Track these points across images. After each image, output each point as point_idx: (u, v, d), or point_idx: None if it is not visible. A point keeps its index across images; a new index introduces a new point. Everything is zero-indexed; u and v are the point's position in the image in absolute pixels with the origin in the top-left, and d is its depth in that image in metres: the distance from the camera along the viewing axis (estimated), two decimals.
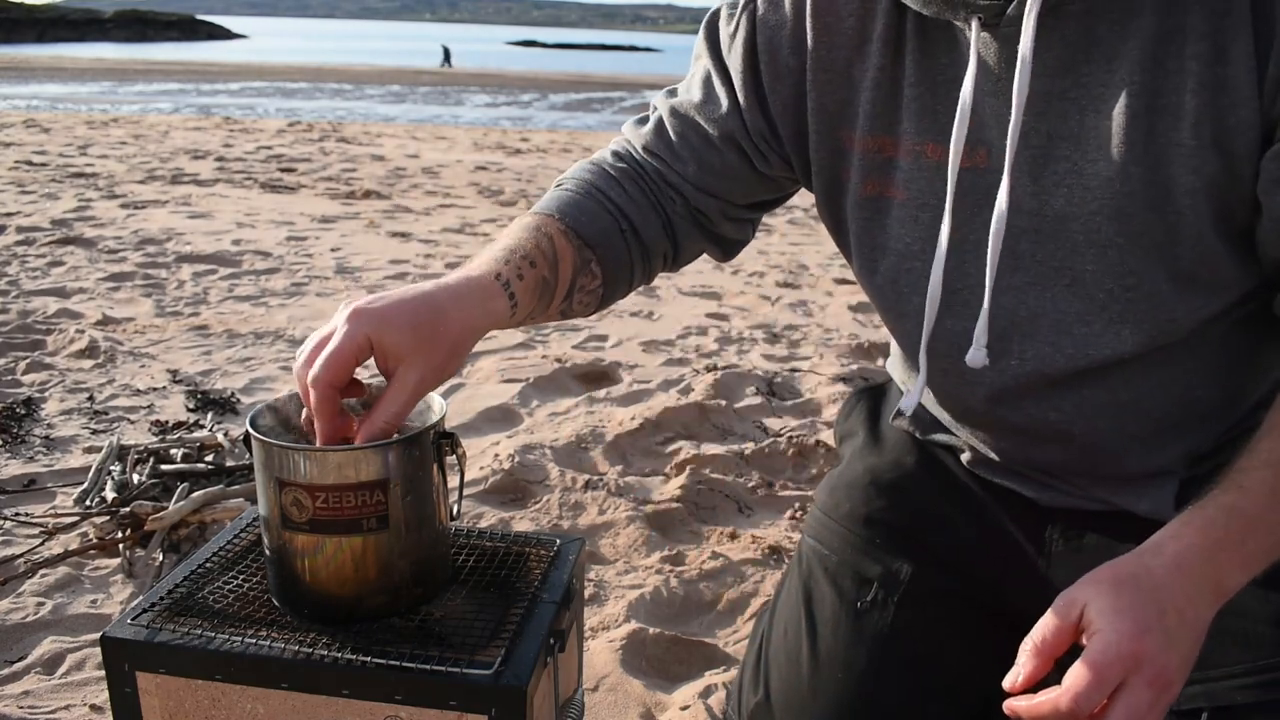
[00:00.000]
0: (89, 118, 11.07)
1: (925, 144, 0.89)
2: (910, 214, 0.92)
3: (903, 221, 0.93)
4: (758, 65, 0.96)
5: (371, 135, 10.27)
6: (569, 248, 0.97)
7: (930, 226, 0.90)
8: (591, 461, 2.29)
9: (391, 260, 4.39)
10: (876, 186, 0.94)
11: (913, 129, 0.90)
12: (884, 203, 0.94)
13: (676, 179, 1.04)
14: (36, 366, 2.78)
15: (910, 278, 0.94)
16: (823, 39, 0.92)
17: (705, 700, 1.42)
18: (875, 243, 0.96)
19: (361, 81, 23.33)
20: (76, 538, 1.85)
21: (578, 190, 1.03)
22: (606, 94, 22.80)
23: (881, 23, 0.89)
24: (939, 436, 1.12)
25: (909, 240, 0.93)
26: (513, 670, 0.81)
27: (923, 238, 0.92)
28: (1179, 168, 0.78)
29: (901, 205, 0.93)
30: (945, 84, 0.87)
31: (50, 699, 1.40)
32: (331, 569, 0.85)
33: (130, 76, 22.24)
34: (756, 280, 4.36)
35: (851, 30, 0.91)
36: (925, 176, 0.90)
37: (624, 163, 1.07)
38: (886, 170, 0.93)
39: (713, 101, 1.01)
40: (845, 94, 0.93)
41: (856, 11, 0.91)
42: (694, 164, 1.03)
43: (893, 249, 0.94)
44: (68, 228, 4.69)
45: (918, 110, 0.89)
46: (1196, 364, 0.89)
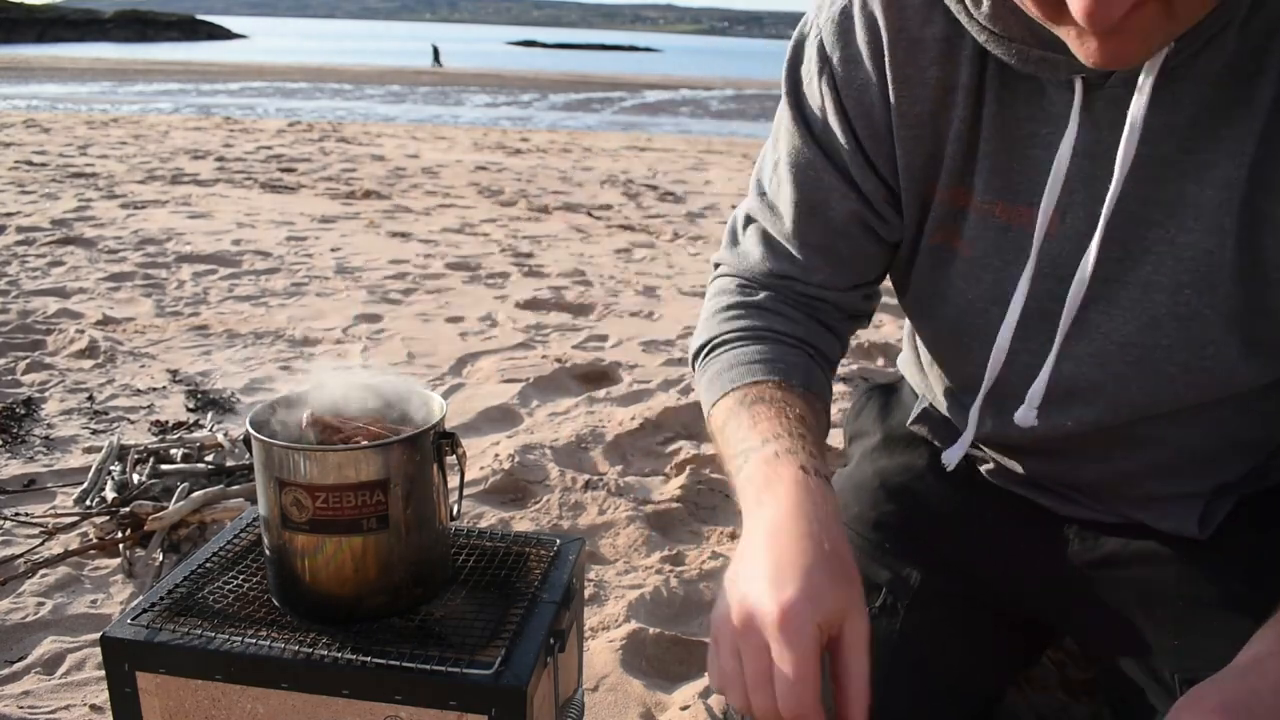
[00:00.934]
0: (89, 118, 11.07)
1: (995, 202, 0.85)
2: (973, 270, 0.88)
3: (965, 276, 0.90)
4: (855, 131, 0.89)
5: (371, 135, 10.27)
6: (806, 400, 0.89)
7: (994, 286, 0.87)
8: (591, 461, 2.29)
9: (391, 260, 4.39)
10: (943, 237, 0.90)
11: (983, 185, 0.86)
12: (949, 254, 0.90)
13: (816, 289, 0.97)
14: (36, 366, 2.78)
15: (969, 333, 0.91)
16: (904, 94, 0.86)
17: (705, 700, 1.42)
18: (935, 290, 0.93)
19: (361, 81, 23.32)
20: (76, 538, 1.85)
21: (784, 342, 0.94)
22: (606, 94, 22.79)
23: (966, 71, 0.83)
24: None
25: (971, 296, 0.90)
26: (513, 670, 0.81)
27: (985, 296, 0.88)
28: (1272, 240, 0.76)
29: (965, 260, 0.89)
30: (1023, 141, 0.83)
31: (50, 699, 1.40)
32: (331, 569, 0.85)
33: (130, 76, 22.23)
34: None
35: (934, 81, 0.85)
36: (992, 235, 0.86)
37: (762, 292, 0.98)
38: (955, 222, 0.89)
39: (822, 188, 0.92)
40: (931, 147, 0.87)
41: (938, 60, 0.84)
42: (827, 266, 0.95)
43: (953, 301, 0.91)
44: (68, 228, 4.69)
45: (991, 166, 0.85)
46: (1243, 410, 0.88)
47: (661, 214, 6.05)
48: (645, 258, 4.75)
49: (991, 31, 0.78)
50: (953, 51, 0.83)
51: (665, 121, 16.45)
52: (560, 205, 6.19)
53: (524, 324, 3.47)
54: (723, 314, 0.99)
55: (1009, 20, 0.76)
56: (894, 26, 0.84)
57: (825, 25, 0.88)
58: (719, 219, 5.97)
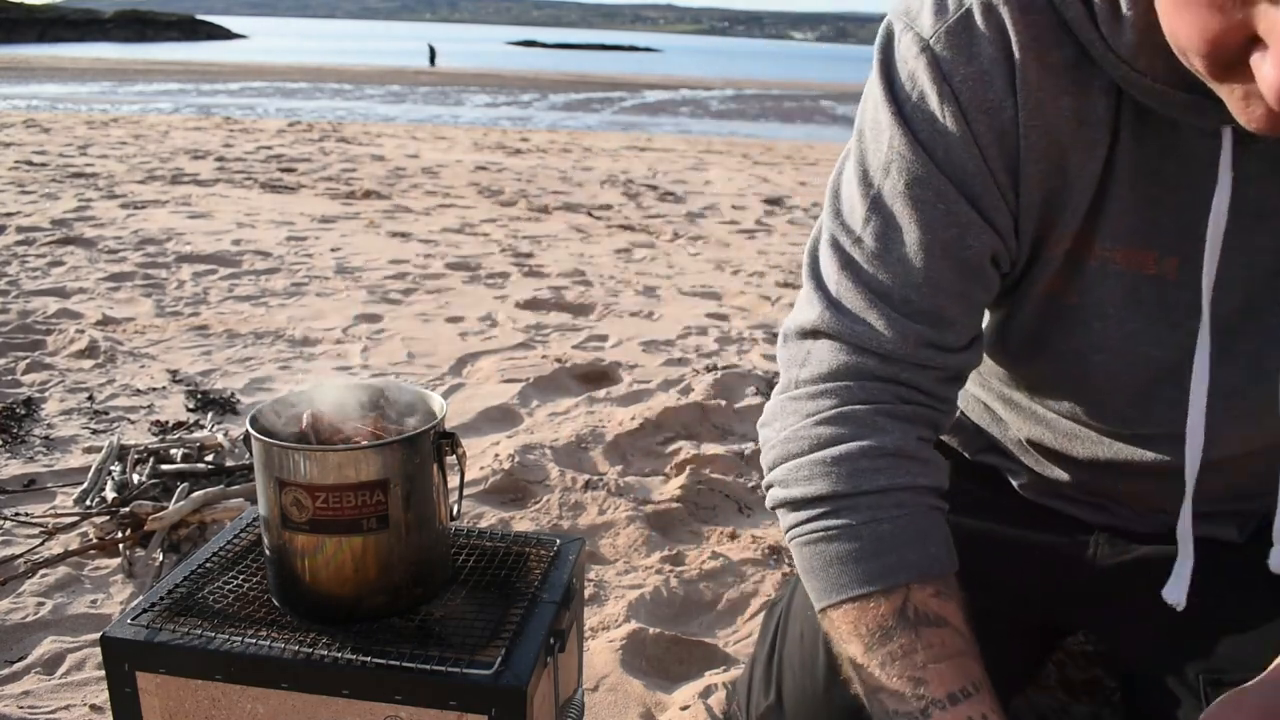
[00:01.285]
0: (89, 118, 11.07)
1: (1117, 250, 0.78)
2: (1081, 320, 0.82)
3: (1071, 327, 0.83)
4: (986, 157, 0.76)
5: (371, 135, 10.27)
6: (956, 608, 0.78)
7: (1101, 334, 0.81)
8: (591, 461, 2.29)
9: (391, 260, 4.39)
10: (1051, 283, 0.82)
11: (1109, 231, 0.78)
12: (1056, 303, 0.83)
13: (956, 356, 0.82)
14: (36, 366, 2.78)
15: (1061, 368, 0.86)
16: (1035, 122, 0.74)
17: (705, 700, 1.42)
18: (1036, 336, 0.86)
19: (361, 81, 23.32)
20: (76, 538, 1.85)
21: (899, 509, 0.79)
22: (606, 94, 22.79)
23: (1101, 104, 0.74)
24: (989, 458, 1.08)
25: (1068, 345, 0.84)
26: (513, 670, 0.81)
27: (1089, 347, 0.83)
28: None
29: (1073, 310, 0.82)
30: (1158, 187, 0.76)
31: (50, 699, 1.40)
32: (331, 569, 0.85)
33: (130, 76, 22.23)
34: (756, 280, 4.36)
35: (1068, 111, 0.74)
36: (1107, 285, 0.79)
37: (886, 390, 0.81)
38: (1069, 270, 0.81)
39: (956, 223, 0.77)
40: (1056, 183, 0.77)
41: (1071, 88, 0.74)
42: (963, 317, 0.81)
43: (1055, 348, 0.85)
44: (68, 228, 4.69)
45: (1119, 211, 0.77)
46: None
47: (661, 214, 6.05)
48: (645, 258, 4.75)
49: (1132, 68, 0.70)
50: (1086, 80, 0.73)
51: (665, 121, 16.45)
52: (560, 205, 6.19)
53: (524, 324, 3.47)
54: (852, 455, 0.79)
55: (1153, 57, 0.69)
56: (1028, 42, 0.73)
57: (938, 35, 0.75)
58: (719, 219, 5.97)
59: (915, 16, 0.77)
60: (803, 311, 0.85)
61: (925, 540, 0.78)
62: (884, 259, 0.79)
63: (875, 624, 0.76)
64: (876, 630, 0.76)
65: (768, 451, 0.86)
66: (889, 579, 0.77)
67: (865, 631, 0.77)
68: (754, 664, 1.11)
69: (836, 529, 0.79)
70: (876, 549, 0.77)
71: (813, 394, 0.83)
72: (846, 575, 0.78)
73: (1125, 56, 0.70)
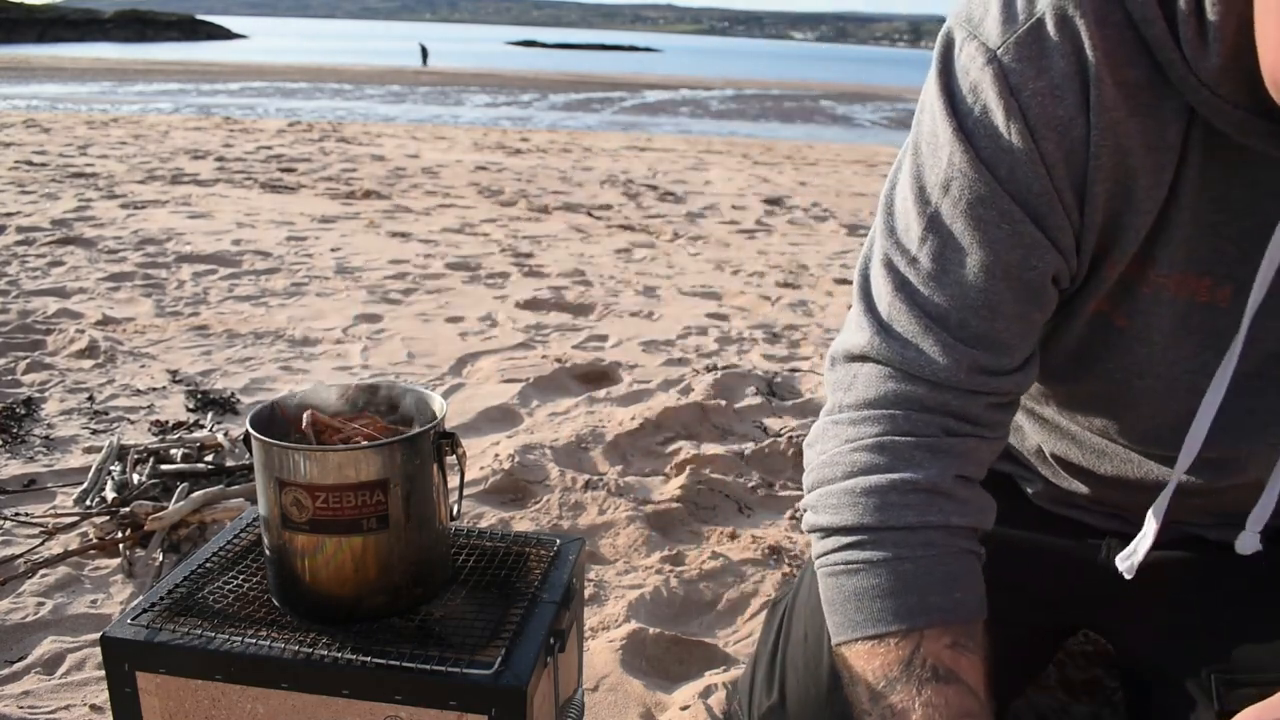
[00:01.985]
0: (89, 118, 11.06)
1: (1174, 276, 0.76)
2: (1127, 344, 0.80)
3: (1117, 348, 0.82)
4: (1053, 176, 0.72)
5: (371, 135, 10.27)
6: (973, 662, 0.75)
7: (1145, 362, 0.80)
8: (591, 461, 2.29)
9: (391, 260, 4.39)
10: (1106, 305, 0.80)
11: (1167, 259, 0.75)
12: (1105, 323, 0.81)
13: (1011, 381, 0.79)
14: (36, 366, 2.78)
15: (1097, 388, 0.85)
16: (1106, 141, 0.71)
17: (705, 700, 1.42)
18: (1081, 356, 0.85)
19: (361, 81, 23.32)
20: (76, 538, 1.85)
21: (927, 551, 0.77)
22: (606, 94, 22.79)
23: (1172, 129, 0.71)
24: (1003, 466, 1.07)
25: (1110, 365, 0.82)
26: (513, 670, 0.81)
27: (1132, 371, 0.81)
28: None
29: (1120, 332, 0.80)
30: (1219, 214, 0.73)
31: (50, 699, 1.40)
32: (331, 569, 0.85)
33: (130, 76, 22.23)
34: (756, 280, 4.36)
35: (1139, 132, 0.71)
36: (1156, 310, 0.77)
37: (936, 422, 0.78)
38: (1122, 293, 0.78)
39: (1020, 244, 0.74)
40: (1120, 206, 0.74)
41: (1142, 109, 0.70)
42: (1020, 340, 0.78)
43: (1099, 371, 0.84)
44: (68, 228, 4.69)
45: (1182, 238, 0.74)
46: None
47: (661, 214, 6.05)
48: (645, 258, 4.75)
49: (1213, 92, 0.67)
50: (1158, 101, 0.70)
51: (665, 121, 16.45)
52: (560, 205, 6.19)
53: (524, 324, 3.47)
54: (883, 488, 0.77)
55: (1238, 82, 0.66)
56: (1104, 56, 0.69)
57: (1007, 46, 0.71)
58: (719, 219, 5.97)
59: (979, 24, 0.72)
60: (852, 335, 0.82)
61: (950, 584, 0.75)
62: (941, 281, 0.76)
63: (881, 672, 0.74)
64: (881, 679, 0.74)
65: (808, 474, 0.85)
66: (904, 622, 0.74)
67: (871, 678, 0.75)
68: (756, 663, 1.10)
69: (859, 563, 0.77)
70: (895, 588, 0.75)
71: (855, 419, 0.80)
72: (862, 613, 0.76)
73: (1207, 80, 0.67)
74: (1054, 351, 0.86)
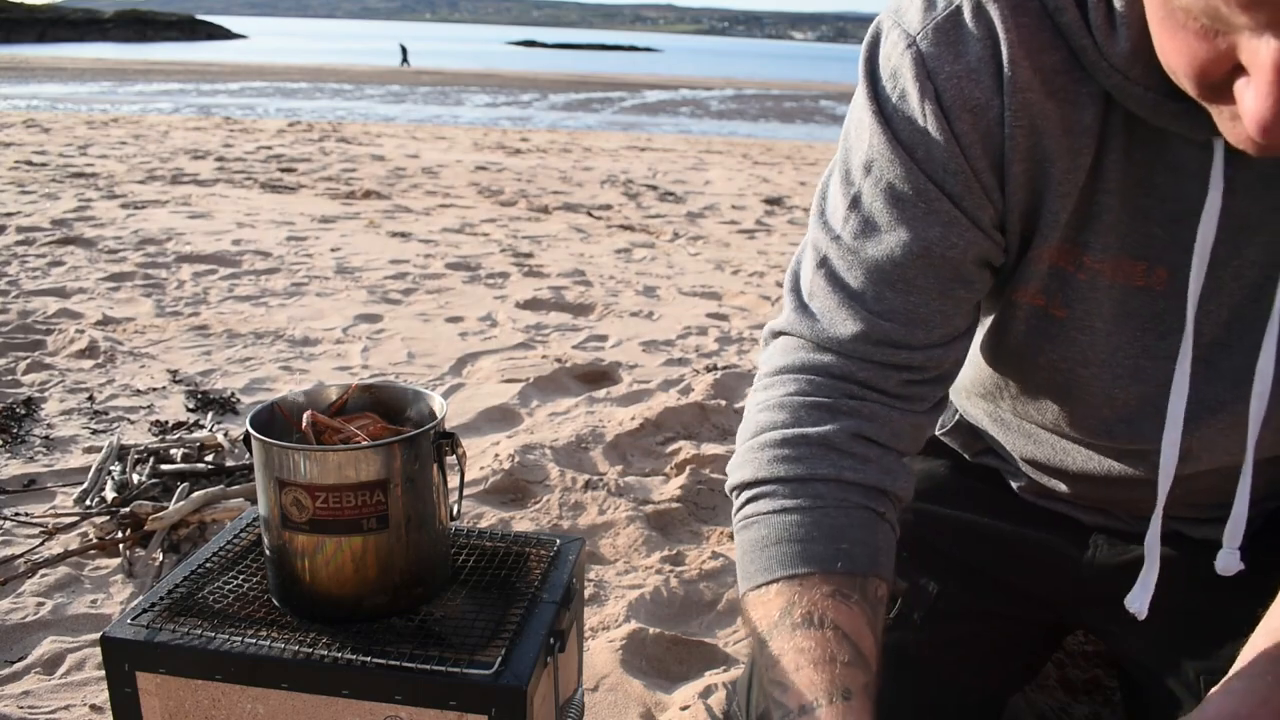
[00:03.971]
0: (89, 118, 11.07)
1: (1107, 261, 0.77)
2: (1068, 334, 0.81)
3: (1058, 339, 0.83)
4: (969, 156, 0.75)
5: (371, 135, 10.27)
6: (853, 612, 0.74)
7: (1088, 350, 0.81)
8: (591, 461, 2.29)
9: (391, 260, 4.39)
10: (1040, 298, 0.82)
11: (1099, 245, 0.77)
12: (1043, 315, 0.83)
13: (921, 355, 0.80)
14: (36, 366, 2.78)
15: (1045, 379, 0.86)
16: (1021, 124, 0.73)
17: (705, 700, 1.42)
18: (1021, 348, 0.86)
19: (361, 81, 23.32)
20: (76, 538, 1.85)
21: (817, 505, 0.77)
22: (606, 94, 22.80)
23: (1090, 112, 0.73)
24: (988, 460, 1.08)
25: (1054, 357, 0.83)
26: (513, 670, 0.81)
27: (1077, 360, 0.82)
28: None
29: (1059, 323, 0.82)
30: (1146, 198, 0.75)
31: (50, 699, 1.40)
32: (331, 569, 0.85)
33: (130, 76, 22.24)
34: (756, 280, 4.36)
35: (1055, 116, 0.73)
36: (1095, 297, 0.79)
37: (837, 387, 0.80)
38: (1055, 282, 0.80)
39: (937, 223, 0.76)
40: (1039, 188, 0.76)
41: (1060, 93, 0.72)
42: (938, 316, 0.79)
43: (1041, 364, 0.85)
44: (68, 228, 4.69)
45: (1109, 223, 0.76)
46: None
47: (661, 214, 6.05)
48: (645, 258, 4.75)
49: (1125, 76, 0.69)
50: (1074, 87, 0.72)
51: (665, 121, 16.45)
52: (560, 205, 6.19)
53: (524, 324, 3.47)
54: (776, 442, 0.79)
55: (1147, 67, 0.68)
56: (1020, 42, 0.71)
57: (925, 32, 0.73)
58: (719, 219, 5.97)
59: (903, 14, 0.76)
60: (778, 314, 0.86)
61: (835, 535, 0.75)
62: (859, 256, 0.79)
63: (764, 620, 0.75)
64: (764, 627, 0.74)
65: None
66: (784, 569, 0.75)
67: (757, 627, 0.75)
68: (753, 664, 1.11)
69: (753, 517, 0.79)
70: (780, 537, 0.76)
71: (766, 385, 0.83)
72: (753, 565, 0.77)
73: (1118, 65, 0.69)
74: (1000, 348, 0.88)
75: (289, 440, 0.88)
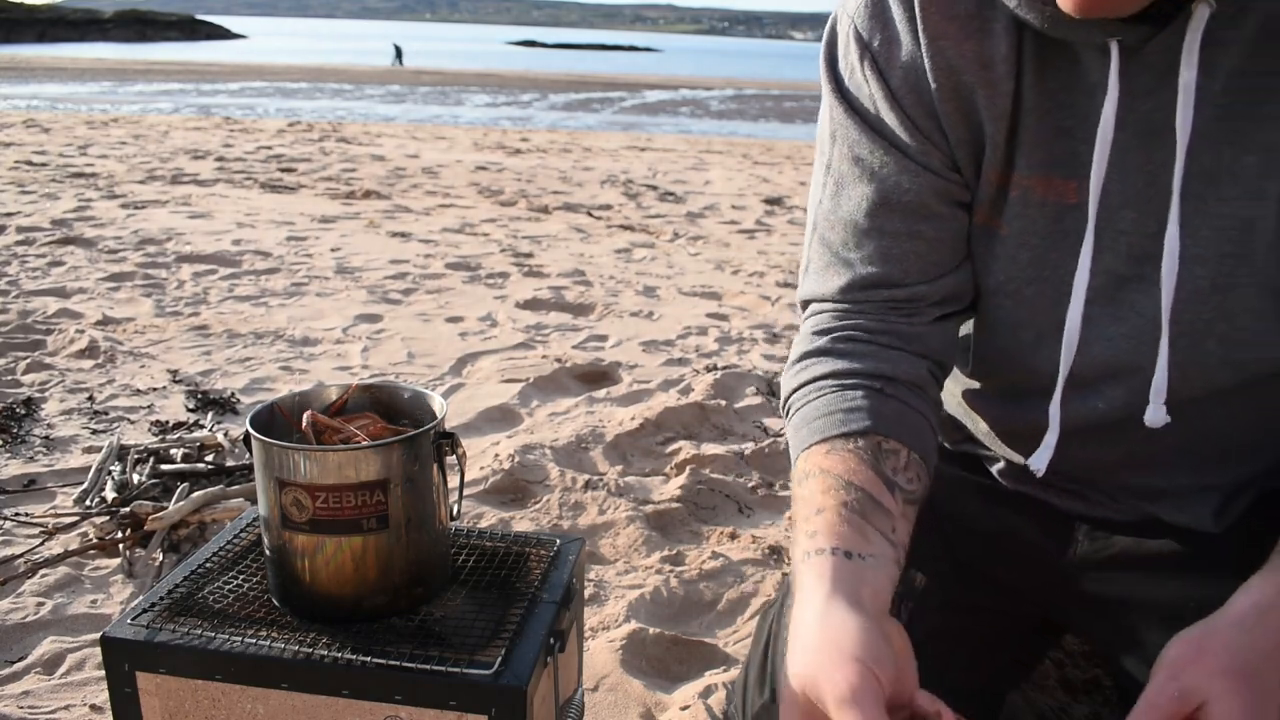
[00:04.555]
0: (89, 118, 11.07)
1: (1034, 178, 0.83)
2: (1010, 251, 0.87)
3: (1002, 258, 0.88)
4: (906, 110, 0.85)
5: (371, 135, 10.27)
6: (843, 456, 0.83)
7: (1029, 267, 0.86)
8: (591, 461, 2.29)
9: (391, 260, 4.39)
10: (985, 216, 0.88)
11: (1025, 163, 0.84)
12: (991, 234, 0.88)
13: (907, 290, 0.89)
14: (36, 366, 2.78)
15: (1002, 316, 0.90)
16: (941, 68, 0.83)
17: (705, 700, 1.42)
18: (978, 272, 0.91)
19: (361, 81, 23.33)
20: (76, 538, 1.85)
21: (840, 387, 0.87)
22: (606, 94, 22.80)
23: (1003, 43, 0.81)
24: (969, 448, 1.10)
25: (1001, 279, 0.88)
26: (513, 670, 0.81)
27: (1020, 278, 0.87)
28: None
29: (1003, 240, 0.87)
30: (1061, 113, 0.81)
31: (50, 699, 1.40)
32: (331, 569, 0.85)
33: (130, 76, 22.24)
34: (756, 280, 4.36)
35: (971, 53, 0.82)
36: (1030, 213, 0.84)
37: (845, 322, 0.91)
38: (995, 202, 0.87)
39: (891, 173, 0.87)
40: (972, 123, 0.85)
41: (974, 33, 0.82)
42: (914, 254, 0.88)
43: (987, 286, 0.90)
44: (68, 228, 4.69)
45: (1031, 141, 0.83)
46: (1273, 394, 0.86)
47: (661, 214, 6.05)
48: (645, 258, 4.75)
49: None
50: (987, 24, 0.81)
51: (665, 121, 16.45)
52: (560, 205, 6.19)
53: (524, 324, 3.47)
54: (804, 360, 0.91)
55: None
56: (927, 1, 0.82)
57: (859, 11, 0.86)
58: (719, 219, 5.97)
59: (843, 3, 0.89)
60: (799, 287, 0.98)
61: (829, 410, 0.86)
62: (837, 215, 0.90)
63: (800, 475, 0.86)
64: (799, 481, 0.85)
65: None
66: (797, 450, 0.87)
67: (796, 485, 0.86)
68: (749, 665, 1.12)
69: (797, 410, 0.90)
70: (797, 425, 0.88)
71: (799, 349, 0.94)
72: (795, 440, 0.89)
73: None
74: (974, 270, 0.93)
75: (289, 440, 0.88)
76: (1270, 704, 0.67)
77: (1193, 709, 0.68)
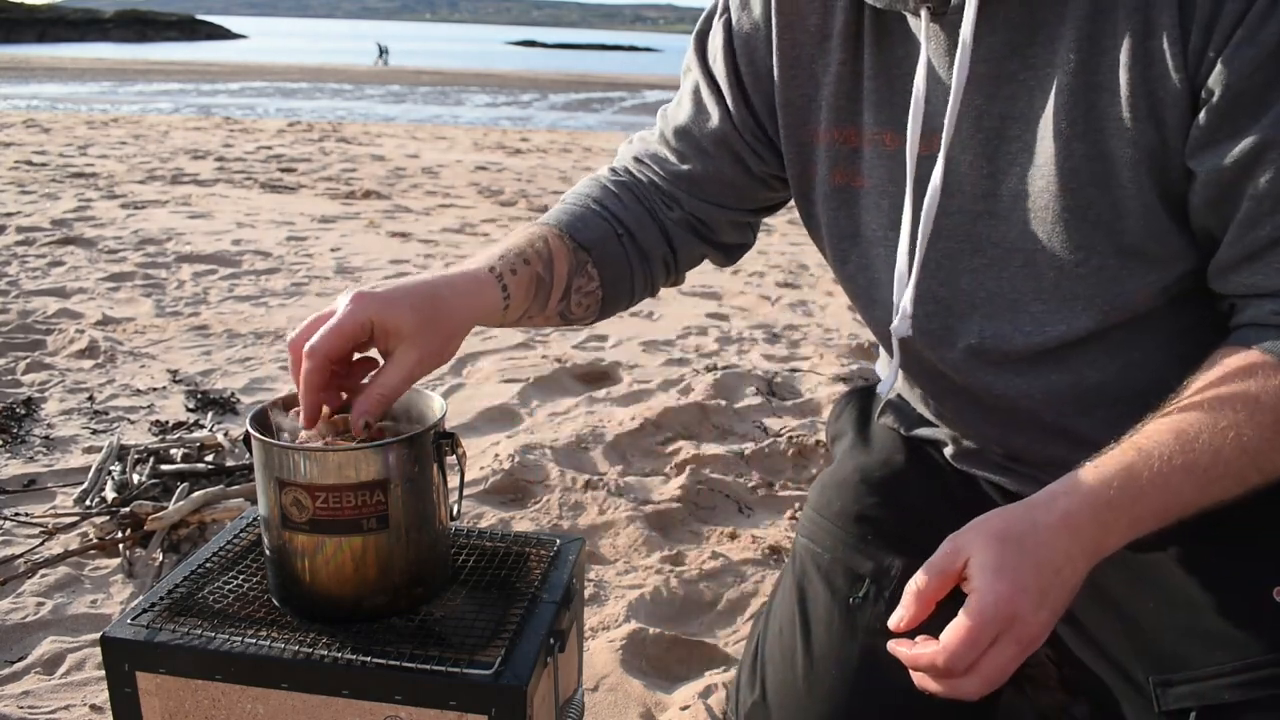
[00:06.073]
0: (89, 118, 11.07)
1: (884, 133, 0.94)
2: (874, 201, 0.97)
3: (868, 209, 0.98)
4: (739, 69, 1.04)
5: (371, 135, 10.27)
6: (563, 249, 1.03)
7: (891, 213, 0.95)
8: (591, 461, 2.29)
9: (391, 260, 4.39)
10: (844, 176, 0.99)
11: (872, 119, 0.95)
12: (851, 192, 0.99)
13: (671, 188, 1.11)
14: (36, 366, 2.78)
15: (878, 264, 0.99)
16: (786, 36, 0.98)
17: (705, 700, 1.42)
18: (844, 232, 1.02)
19: (361, 81, 23.33)
20: (76, 538, 1.85)
21: (574, 203, 1.10)
22: (606, 94, 22.80)
23: (841, 19, 0.95)
24: (923, 431, 1.15)
25: (874, 227, 0.98)
26: (513, 670, 0.81)
27: (885, 224, 0.97)
28: (1118, 142, 0.81)
29: (866, 193, 0.98)
30: (901, 75, 0.92)
31: (50, 699, 1.40)
32: (331, 569, 0.85)
33: (130, 76, 22.24)
34: (756, 280, 4.36)
35: (814, 28, 0.97)
36: (885, 165, 0.95)
37: (620, 176, 1.15)
38: (852, 160, 0.98)
39: (703, 111, 1.08)
40: (809, 89, 0.99)
41: (818, 9, 0.96)
42: (688, 173, 1.10)
43: (862, 236, 1.00)
44: (68, 228, 4.69)
45: (876, 101, 0.94)
46: (1159, 347, 0.90)
47: None
48: None
49: None
50: (830, 3, 0.95)
51: None
52: None
53: None
54: (584, 182, 1.15)
55: None
56: None
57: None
58: None
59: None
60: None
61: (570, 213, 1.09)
62: (672, 113, 1.13)
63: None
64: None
65: None
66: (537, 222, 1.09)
67: None
68: (741, 667, 1.16)
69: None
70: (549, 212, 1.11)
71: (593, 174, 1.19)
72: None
73: None
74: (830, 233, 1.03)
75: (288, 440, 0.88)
76: (1027, 564, 0.72)
77: (961, 564, 0.74)
